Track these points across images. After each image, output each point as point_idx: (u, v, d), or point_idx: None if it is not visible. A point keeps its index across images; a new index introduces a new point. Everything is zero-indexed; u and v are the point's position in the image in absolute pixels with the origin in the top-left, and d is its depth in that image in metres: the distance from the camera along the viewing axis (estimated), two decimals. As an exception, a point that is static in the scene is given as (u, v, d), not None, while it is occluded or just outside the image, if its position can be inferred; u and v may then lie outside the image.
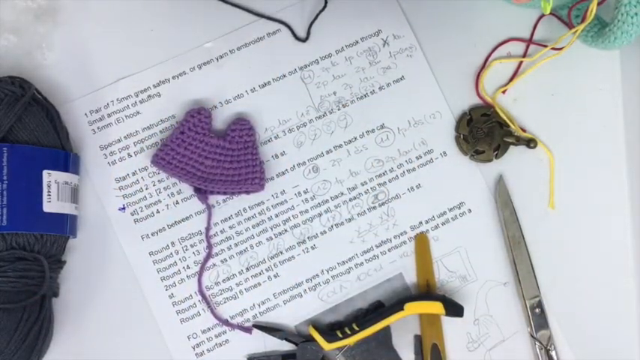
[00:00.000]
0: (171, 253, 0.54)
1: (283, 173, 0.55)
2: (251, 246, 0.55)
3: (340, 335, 0.52)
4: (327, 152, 0.56)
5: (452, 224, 0.55)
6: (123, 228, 0.54)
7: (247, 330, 0.54)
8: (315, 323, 0.54)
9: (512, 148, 0.56)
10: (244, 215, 0.55)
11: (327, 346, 0.52)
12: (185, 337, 0.54)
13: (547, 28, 0.57)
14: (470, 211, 0.56)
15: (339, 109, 0.56)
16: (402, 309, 0.52)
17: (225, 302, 0.54)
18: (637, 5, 0.47)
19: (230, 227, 0.55)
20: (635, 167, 0.56)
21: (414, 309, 0.52)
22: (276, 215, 0.55)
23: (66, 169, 0.51)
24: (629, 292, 0.55)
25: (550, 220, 0.55)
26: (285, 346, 0.54)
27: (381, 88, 0.56)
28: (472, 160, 0.56)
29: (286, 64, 0.56)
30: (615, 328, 0.55)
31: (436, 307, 0.52)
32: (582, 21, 0.52)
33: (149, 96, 0.55)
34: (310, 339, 0.53)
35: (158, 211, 0.54)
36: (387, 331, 0.54)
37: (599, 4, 0.50)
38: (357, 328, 0.52)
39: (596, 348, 0.55)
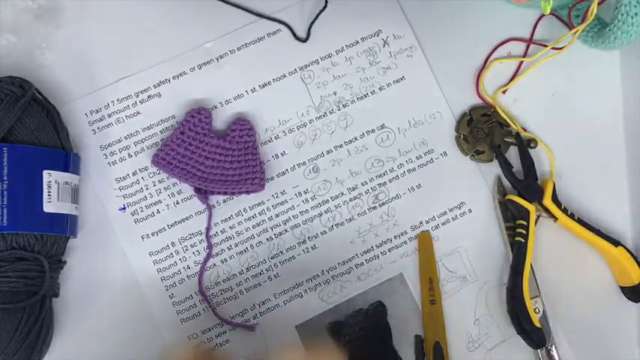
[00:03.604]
0: (172, 253, 0.54)
1: (283, 173, 0.55)
2: (251, 246, 0.54)
3: None
4: (328, 152, 0.56)
5: (452, 224, 0.55)
6: (123, 228, 0.54)
7: (251, 328, 0.53)
8: None
9: (512, 148, 0.56)
10: (244, 215, 0.55)
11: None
12: (185, 337, 0.53)
13: (547, 28, 0.57)
14: (470, 211, 0.56)
15: (339, 109, 0.56)
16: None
17: (225, 302, 0.54)
18: (637, 5, 0.48)
19: (230, 227, 0.55)
20: (635, 167, 0.56)
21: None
22: (277, 215, 0.55)
23: (66, 169, 0.51)
24: (629, 292, 0.55)
25: (550, 219, 0.55)
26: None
27: (381, 88, 0.56)
28: (472, 160, 0.56)
29: (286, 64, 0.56)
30: (615, 328, 0.55)
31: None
32: (582, 21, 0.52)
33: (149, 96, 0.55)
34: None
35: (158, 211, 0.54)
36: (387, 330, 0.54)
37: (599, 4, 0.51)
38: None
39: (596, 348, 0.55)
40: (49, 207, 0.50)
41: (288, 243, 0.55)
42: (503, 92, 0.57)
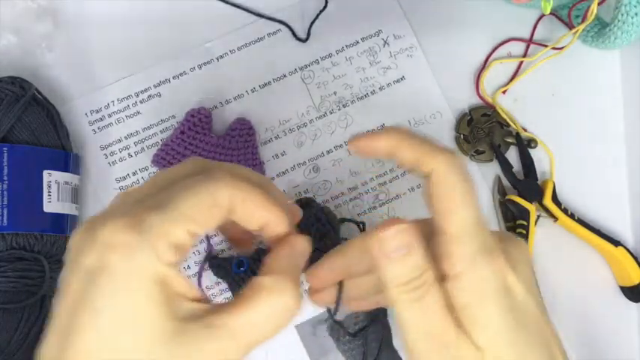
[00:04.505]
0: (172, 253, 0.54)
1: (283, 173, 0.55)
2: (251, 246, 0.54)
3: None
4: (328, 152, 0.56)
5: (452, 224, 0.55)
6: (123, 228, 0.54)
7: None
8: None
9: (512, 148, 0.56)
10: (244, 215, 0.55)
11: None
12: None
13: (547, 28, 0.57)
14: (470, 211, 0.55)
15: (339, 109, 0.56)
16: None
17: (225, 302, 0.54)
18: (637, 5, 0.48)
19: (230, 227, 0.54)
20: (635, 167, 0.56)
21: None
22: (277, 215, 0.55)
23: (66, 169, 0.51)
24: (629, 291, 0.55)
25: (550, 219, 0.55)
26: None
27: (381, 88, 0.56)
28: (472, 160, 0.56)
29: (286, 64, 0.56)
30: (615, 328, 0.55)
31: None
32: (582, 21, 0.52)
33: (149, 96, 0.55)
34: None
35: (158, 211, 0.54)
36: (387, 330, 0.54)
37: (599, 4, 0.51)
38: None
39: (596, 348, 0.55)
40: (49, 207, 0.49)
41: (288, 243, 0.55)
42: (503, 92, 0.57)
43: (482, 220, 0.32)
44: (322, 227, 0.51)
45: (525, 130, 0.56)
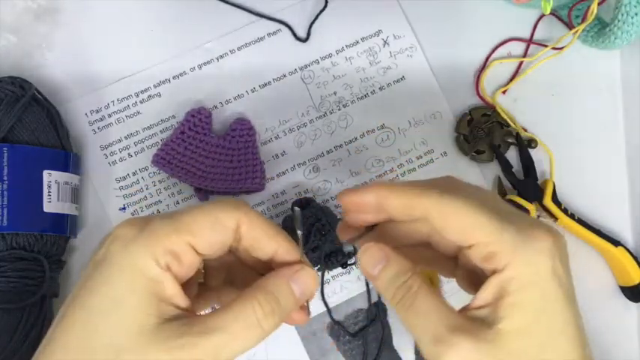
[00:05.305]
0: (172, 253, 0.54)
1: (283, 173, 0.55)
2: (251, 246, 0.54)
3: None
4: (328, 152, 0.56)
5: (452, 224, 0.55)
6: (123, 228, 0.54)
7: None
8: None
9: (512, 148, 0.56)
10: (244, 215, 0.55)
11: None
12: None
13: (547, 28, 0.57)
14: (470, 211, 0.55)
15: (339, 109, 0.56)
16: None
17: (225, 302, 0.54)
18: (637, 5, 0.48)
19: (230, 227, 0.54)
20: (635, 167, 0.56)
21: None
22: (277, 215, 0.55)
23: (66, 169, 0.51)
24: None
25: (550, 219, 0.55)
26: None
27: (381, 88, 0.56)
28: (472, 160, 0.56)
29: (286, 64, 0.56)
30: (615, 328, 0.55)
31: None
32: (582, 21, 0.52)
33: (149, 96, 0.55)
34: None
35: (159, 211, 0.54)
36: (387, 330, 0.54)
37: (599, 4, 0.51)
38: None
39: (596, 348, 0.55)
40: (49, 207, 0.49)
41: (288, 243, 0.55)
42: (503, 92, 0.57)
43: (498, 211, 0.33)
44: (322, 227, 0.51)
45: (525, 130, 0.56)
